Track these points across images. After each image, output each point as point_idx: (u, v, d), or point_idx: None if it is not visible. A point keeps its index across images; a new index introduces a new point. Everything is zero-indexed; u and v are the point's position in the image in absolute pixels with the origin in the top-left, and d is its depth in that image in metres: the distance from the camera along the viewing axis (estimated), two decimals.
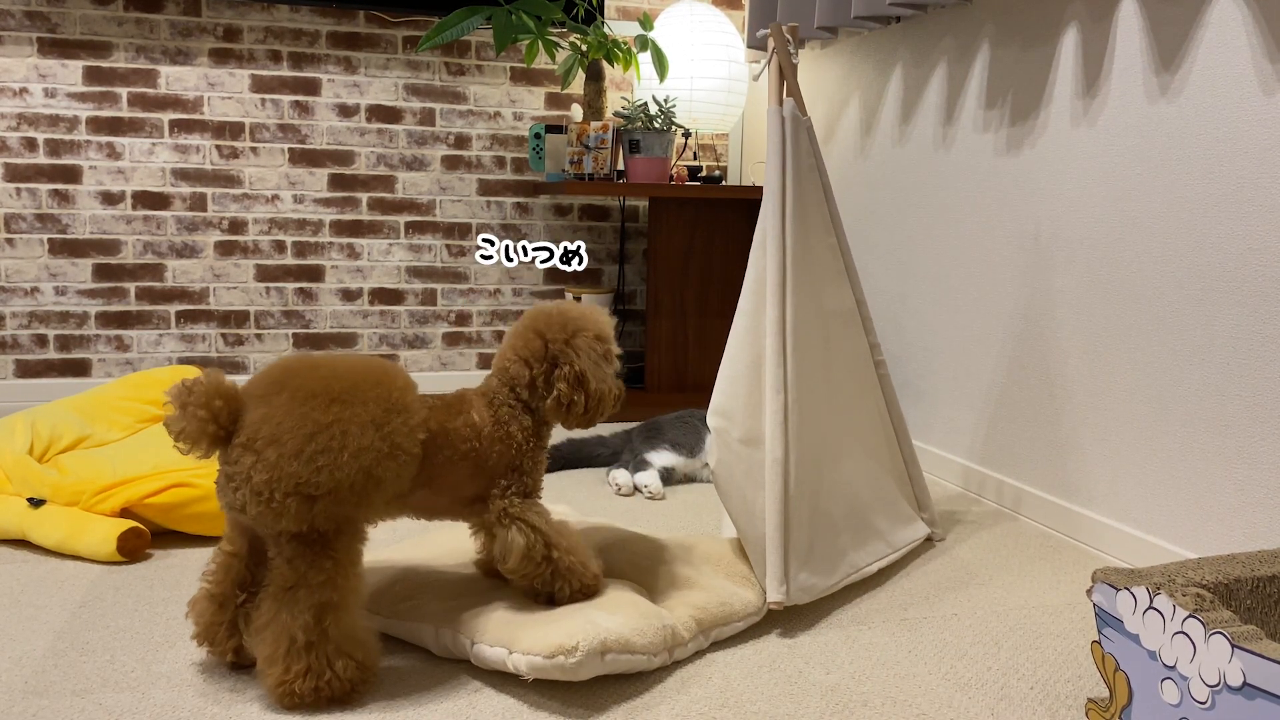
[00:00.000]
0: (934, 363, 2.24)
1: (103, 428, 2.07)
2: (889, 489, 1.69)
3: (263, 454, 1.09)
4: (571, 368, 1.28)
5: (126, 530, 1.56)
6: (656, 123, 2.64)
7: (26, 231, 2.69)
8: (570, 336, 1.30)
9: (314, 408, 1.11)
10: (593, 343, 1.31)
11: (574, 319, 1.32)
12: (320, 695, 1.12)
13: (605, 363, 1.32)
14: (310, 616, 1.11)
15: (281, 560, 1.12)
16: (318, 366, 1.16)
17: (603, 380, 1.31)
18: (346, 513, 1.13)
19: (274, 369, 1.16)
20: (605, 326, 1.34)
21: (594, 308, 1.35)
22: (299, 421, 1.10)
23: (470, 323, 3.07)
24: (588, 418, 1.31)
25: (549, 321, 1.31)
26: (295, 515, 1.09)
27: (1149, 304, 1.64)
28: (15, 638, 1.30)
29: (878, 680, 1.23)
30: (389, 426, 1.16)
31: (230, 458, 1.11)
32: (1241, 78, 1.47)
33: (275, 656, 1.11)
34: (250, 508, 1.09)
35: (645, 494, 2.01)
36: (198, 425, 1.09)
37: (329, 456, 1.10)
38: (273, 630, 1.11)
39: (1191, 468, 1.57)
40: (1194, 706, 0.94)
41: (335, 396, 1.13)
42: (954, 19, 2.14)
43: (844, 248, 1.68)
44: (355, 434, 1.12)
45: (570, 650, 1.13)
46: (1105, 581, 1.06)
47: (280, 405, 1.11)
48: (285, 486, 1.08)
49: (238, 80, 2.79)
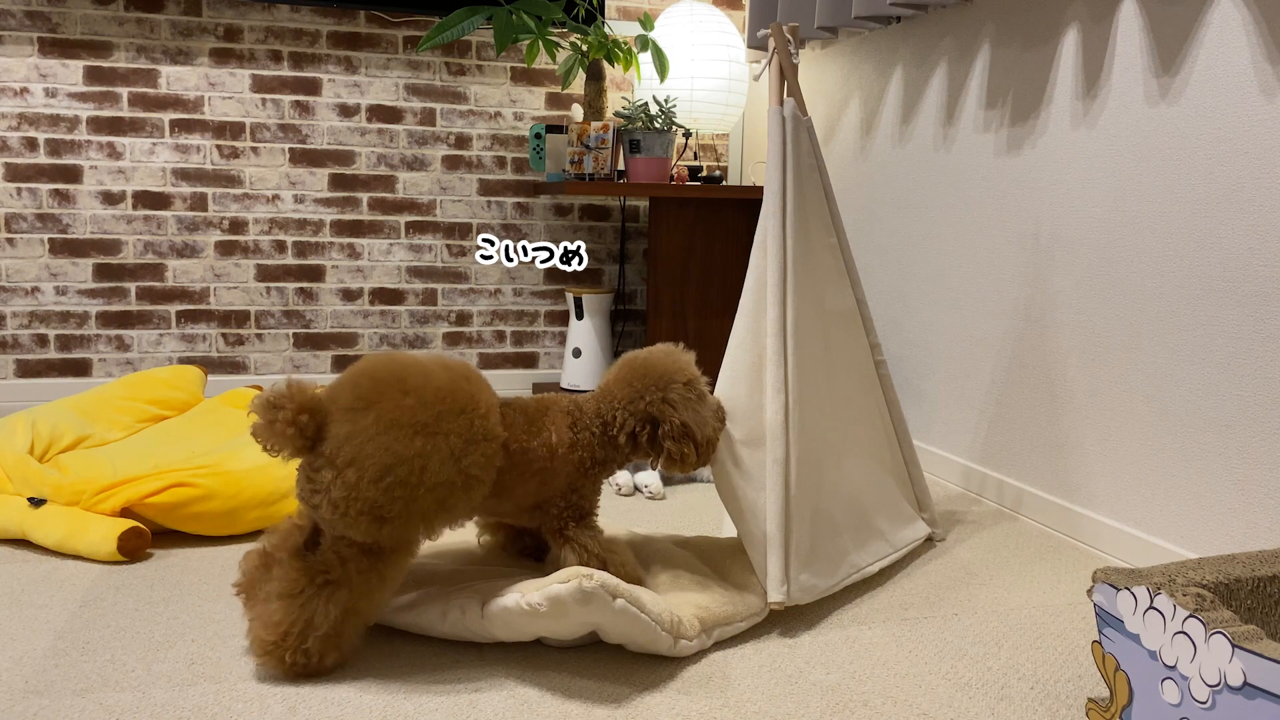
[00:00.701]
0: (934, 363, 2.24)
1: (103, 427, 2.07)
2: (890, 489, 1.69)
3: (343, 473, 1.11)
4: (673, 425, 1.32)
5: (127, 530, 1.56)
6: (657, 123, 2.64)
7: (27, 231, 2.69)
8: (665, 392, 1.33)
9: (397, 438, 1.13)
10: (684, 391, 1.34)
11: (661, 370, 1.35)
12: (295, 671, 1.18)
13: (701, 405, 1.36)
14: (338, 613, 1.15)
15: (334, 556, 1.16)
16: (407, 389, 1.16)
17: (703, 425, 1.35)
18: (411, 535, 1.18)
19: (362, 381, 1.16)
20: (689, 369, 1.37)
21: (676, 353, 1.38)
22: (381, 450, 1.12)
23: (471, 322, 3.07)
24: (701, 462, 1.36)
25: (643, 375, 1.34)
26: (364, 531, 1.14)
27: (1149, 304, 1.64)
28: (16, 637, 1.30)
29: (878, 680, 1.23)
30: (468, 460, 1.18)
31: (313, 465, 1.14)
32: (1242, 79, 1.47)
33: (283, 623, 1.15)
34: (324, 513, 1.14)
35: (646, 494, 2.01)
36: (285, 440, 1.12)
37: (406, 489, 1.13)
38: (298, 605, 1.15)
39: (1192, 467, 1.57)
40: (1194, 706, 0.94)
41: (420, 427, 1.14)
42: (954, 19, 2.14)
43: (844, 248, 1.68)
44: (434, 469, 1.15)
45: (587, 576, 1.15)
46: (1106, 581, 1.06)
47: (365, 427, 1.13)
48: (359, 506, 1.12)
49: (238, 80, 2.79)
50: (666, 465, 1.34)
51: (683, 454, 1.33)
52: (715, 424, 1.38)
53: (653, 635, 1.21)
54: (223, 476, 1.66)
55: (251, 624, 1.19)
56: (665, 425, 1.32)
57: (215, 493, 1.64)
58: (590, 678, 1.22)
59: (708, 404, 1.38)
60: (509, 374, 3.13)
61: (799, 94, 1.60)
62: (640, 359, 1.37)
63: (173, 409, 2.28)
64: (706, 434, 1.35)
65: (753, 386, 1.48)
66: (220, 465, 1.69)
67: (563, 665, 1.25)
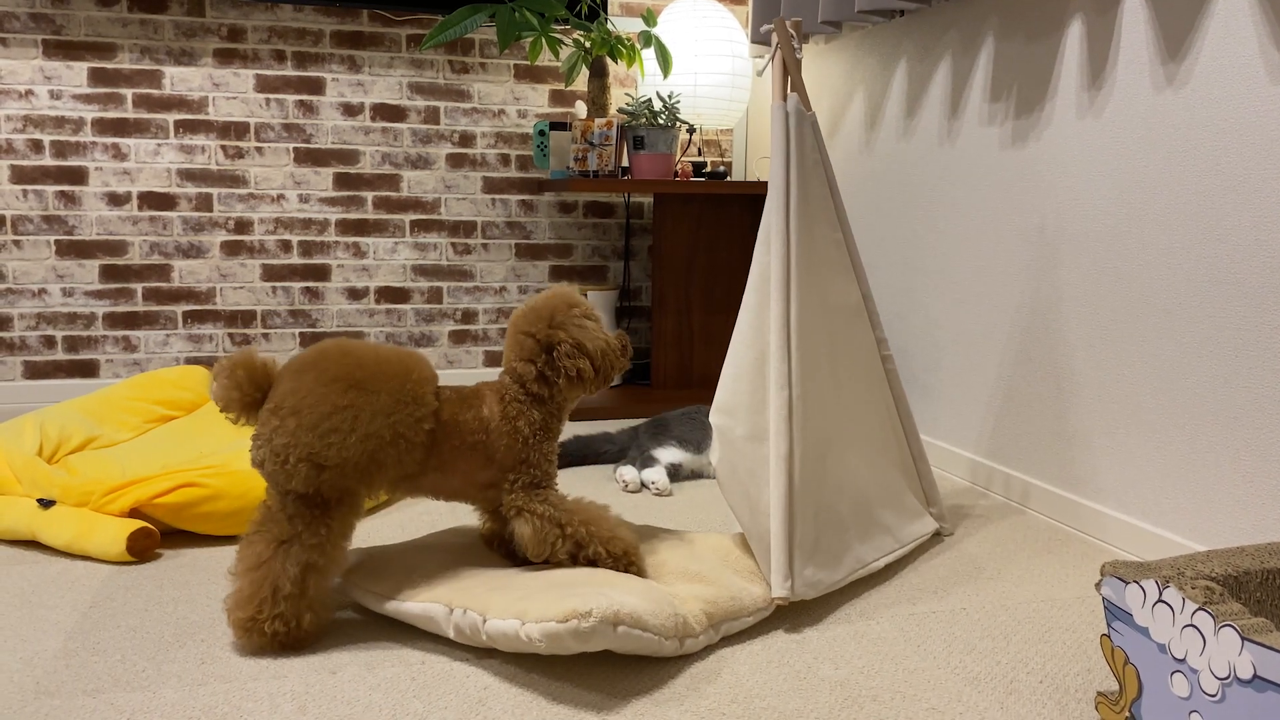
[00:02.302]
0: (940, 357, 2.24)
1: (111, 428, 2.07)
2: (896, 484, 1.69)
3: (284, 421, 1.23)
4: (566, 343, 1.37)
5: (136, 530, 1.57)
6: (661, 119, 2.64)
7: (33, 233, 2.70)
8: (550, 320, 1.39)
9: (334, 390, 1.25)
10: (569, 313, 1.40)
11: (546, 306, 1.41)
12: (278, 640, 1.24)
13: (589, 322, 1.41)
14: (298, 571, 1.24)
15: (284, 516, 1.25)
16: (348, 354, 1.29)
17: (596, 338, 1.40)
18: (349, 486, 1.27)
19: (312, 350, 1.30)
20: (573, 296, 1.43)
21: (555, 288, 1.45)
22: (319, 400, 1.24)
23: (476, 320, 3.08)
24: (603, 376, 1.42)
25: (529, 318, 1.40)
26: (304, 479, 1.23)
27: (1156, 296, 1.64)
28: (26, 638, 1.30)
29: (886, 675, 1.23)
30: (395, 416, 1.28)
31: (260, 419, 1.27)
32: (1248, 68, 1.46)
33: (254, 597, 1.23)
34: (267, 464, 1.24)
35: (652, 490, 2.01)
36: (226, 393, 1.25)
37: (339, 436, 1.23)
38: (261, 573, 1.23)
39: (1200, 460, 1.56)
40: (1204, 699, 0.94)
41: (354, 383, 1.26)
42: (958, 12, 2.14)
43: (849, 242, 1.67)
44: (365, 419, 1.25)
45: (584, 614, 1.14)
46: (1114, 575, 1.06)
47: (307, 382, 1.25)
48: (299, 453, 1.22)
49: (242, 80, 2.79)
50: (568, 387, 1.39)
51: (579, 370, 1.38)
52: (608, 339, 1.42)
53: (656, 646, 1.21)
54: (231, 476, 1.66)
55: (228, 610, 1.25)
56: (560, 346, 1.37)
57: (223, 492, 1.65)
58: (599, 674, 1.22)
59: (595, 321, 1.43)
60: None
61: (803, 89, 1.59)
62: (518, 310, 1.43)
63: (180, 409, 2.28)
64: (599, 346, 1.40)
65: (756, 382, 1.48)
66: (228, 465, 1.69)
67: (571, 662, 1.25)
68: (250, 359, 1.27)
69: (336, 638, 1.31)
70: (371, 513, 1.85)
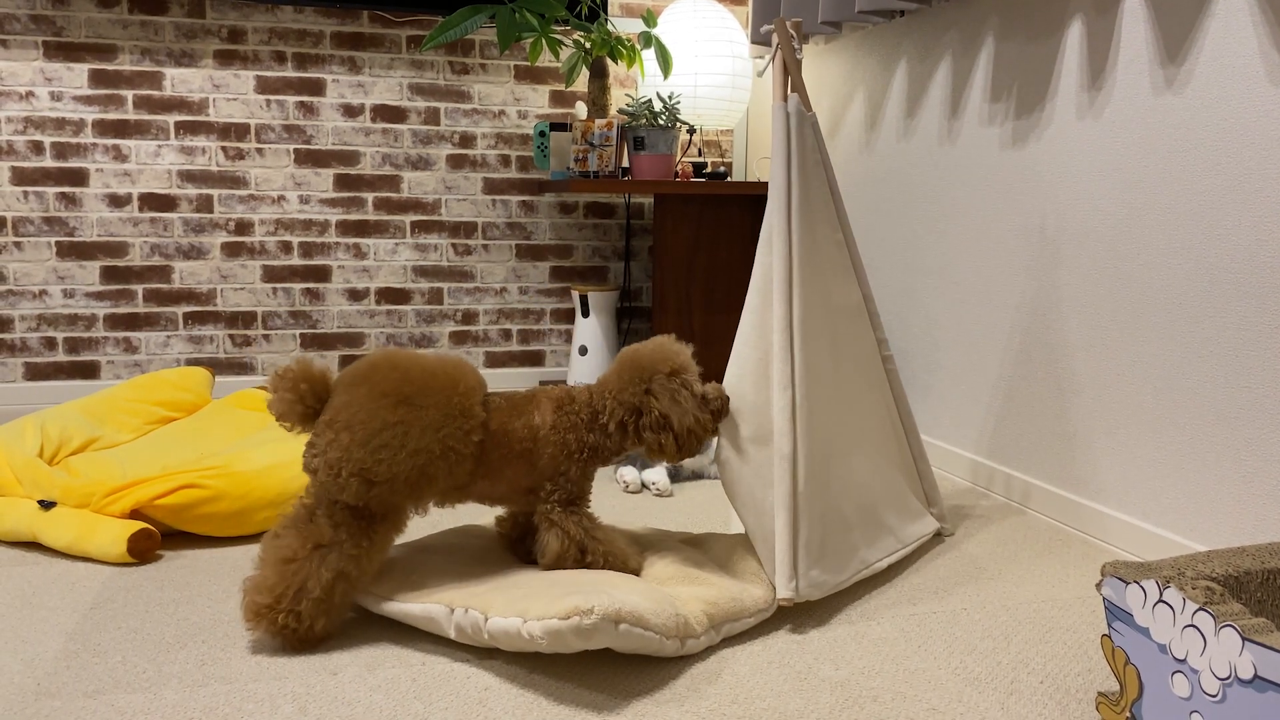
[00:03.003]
0: (941, 357, 2.24)
1: (112, 429, 2.07)
2: (898, 484, 1.69)
3: (339, 435, 1.24)
4: (651, 415, 1.36)
5: (136, 532, 1.57)
6: (661, 119, 2.64)
7: (34, 234, 2.70)
8: (649, 383, 1.37)
9: (384, 405, 1.26)
10: (666, 382, 1.38)
11: (648, 364, 1.38)
12: (284, 635, 1.25)
13: (682, 396, 1.38)
14: (330, 577, 1.24)
15: (328, 522, 1.26)
16: (397, 367, 1.30)
17: (684, 415, 1.37)
18: (398, 502, 1.29)
19: (363, 362, 1.31)
20: (676, 359, 1.40)
21: (666, 343, 1.41)
22: (370, 415, 1.25)
23: (477, 321, 3.08)
24: (683, 453, 1.39)
25: (634, 370, 1.38)
26: (354, 493, 1.25)
27: (1156, 296, 1.64)
28: (27, 639, 1.30)
29: (888, 675, 1.23)
30: (445, 430, 1.29)
31: (315, 430, 1.27)
32: (1248, 69, 1.46)
33: (277, 588, 1.24)
34: (320, 474, 1.25)
35: (653, 491, 2.01)
36: (285, 405, 1.26)
37: (389, 452, 1.25)
38: (292, 569, 1.24)
39: (1200, 460, 1.56)
40: (1205, 700, 0.94)
41: (404, 398, 1.27)
42: (958, 12, 2.14)
43: (850, 243, 1.67)
44: (415, 435, 1.26)
45: (586, 611, 1.14)
46: (1115, 575, 1.06)
47: (360, 396, 1.26)
48: (351, 467, 1.23)
49: (243, 81, 2.80)
50: (648, 454, 1.39)
51: (660, 444, 1.37)
52: (697, 414, 1.39)
53: (658, 646, 1.21)
54: (231, 477, 1.66)
55: (246, 592, 1.25)
56: (645, 416, 1.37)
57: (224, 494, 1.65)
58: (600, 675, 1.22)
59: (692, 394, 1.40)
60: (515, 372, 3.13)
61: (803, 89, 1.59)
62: (633, 351, 1.41)
63: (181, 410, 2.28)
64: (686, 424, 1.37)
65: (759, 383, 1.48)
66: (229, 466, 1.69)
67: (572, 663, 1.25)
68: (310, 370, 1.28)
69: (337, 639, 1.31)
70: None
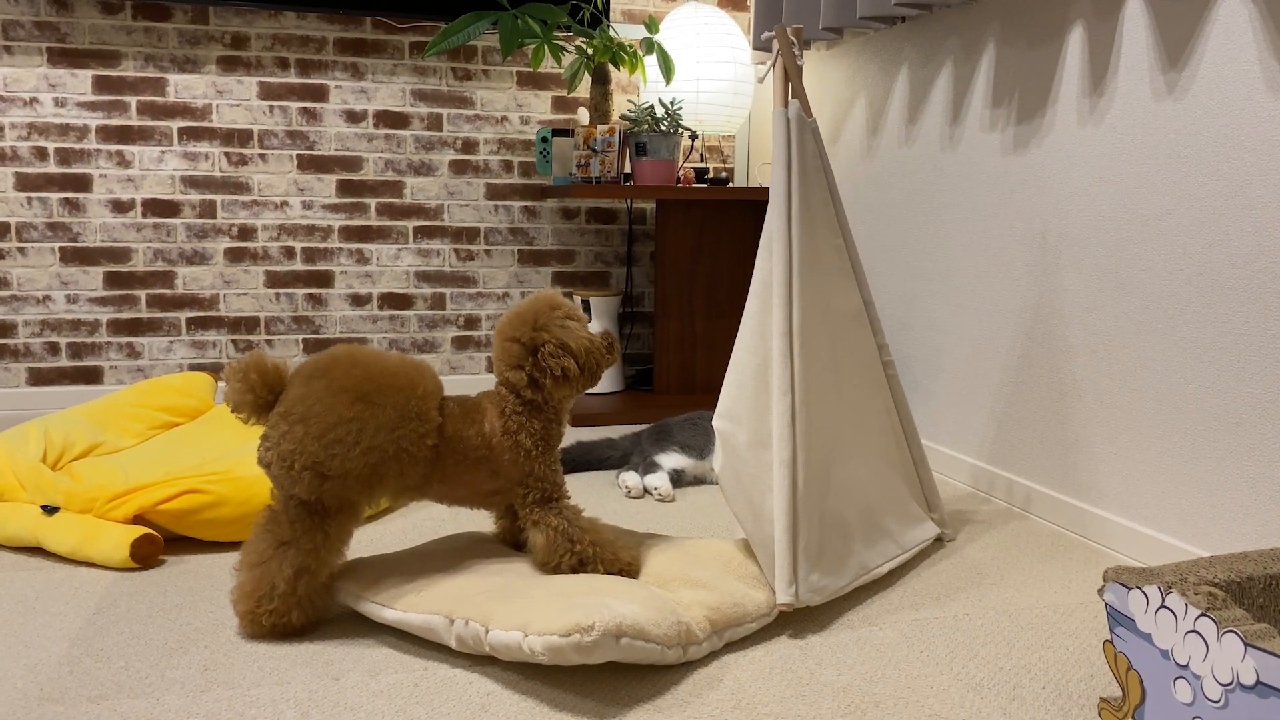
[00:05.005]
0: (942, 362, 2.24)
1: (115, 435, 2.08)
2: (899, 489, 1.69)
3: (293, 427, 1.26)
4: (550, 344, 1.39)
5: (139, 537, 1.57)
6: (663, 125, 2.65)
7: (38, 240, 2.70)
8: (534, 323, 1.40)
9: (341, 400, 1.27)
10: (552, 315, 1.41)
11: (529, 310, 1.42)
12: (276, 630, 1.31)
13: (572, 322, 1.42)
14: (291, 572, 1.29)
15: (285, 518, 1.30)
16: (357, 363, 1.31)
17: (580, 337, 1.41)
18: (351, 497, 1.31)
19: (324, 355, 1.32)
20: (555, 298, 1.44)
21: (537, 292, 1.45)
22: (326, 410, 1.26)
23: (479, 326, 3.08)
24: (589, 374, 1.42)
25: (513, 324, 1.41)
26: (307, 486, 1.27)
27: (1158, 301, 1.64)
28: (30, 645, 1.31)
29: (890, 681, 1.23)
30: (400, 431, 1.30)
31: (270, 422, 1.29)
32: (1249, 75, 1.46)
33: (255, 592, 1.30)
34: (274, 467, 1.27)
35: (655, 496, 2.01)
36: (237, 395, 1.28)
37: (343, 447, 1.26)
38: (261, 571, 1.29)
39: (1202, 465, 1.56)
40: (1207, 705, 0.94)
41: (361, 395, 1.28)
42: (959, 18, 2.14)
43: (851, 248, 1.68)
44: (370, 433, 1.28)
45: (586, 629, 1.14)
46: (1117, 580, 1.06)
47: (316, 389, 1.28)
48: (304, 461, 1.25)
49: (246, 88, 2.80)
50: (559, 387, 1.39)
51: (564, 369, 1.38)
52: (590, 337, 1.43)
53: (659, 656, 1.21)
54: (234, 482, 1.67)
55: (234, 602, 1.32)
56: (545, 348, 1.38)
57: (227, 499, 1.65)
58: (602, 681, 1.22)
59: (579, 322, 1.43)
60: None
61: (804, 95, 1.60)
62: (503, 318, 1.44)
63: (184, 416, 2.29)
64: (583, 344, 1.40)
65: (759, 388, 1.48)
66: (231, 471, 1.70)
67: (574, 669, 1.25)
68: (262, 362, 1.30)
69: (339, 644, 1.31)
70: (374, 519, 1.85)
